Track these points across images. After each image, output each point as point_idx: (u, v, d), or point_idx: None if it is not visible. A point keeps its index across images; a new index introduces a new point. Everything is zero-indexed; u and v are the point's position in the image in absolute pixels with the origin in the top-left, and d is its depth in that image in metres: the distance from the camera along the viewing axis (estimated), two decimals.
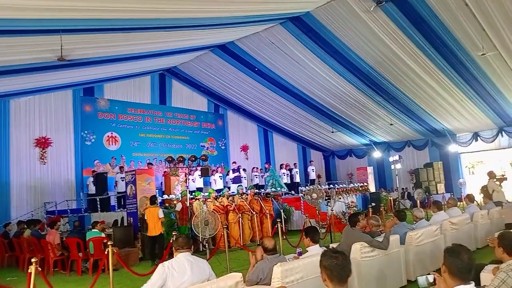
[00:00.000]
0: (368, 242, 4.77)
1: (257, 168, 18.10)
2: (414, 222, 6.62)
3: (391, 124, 18.17)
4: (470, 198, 8.36)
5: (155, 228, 8.99)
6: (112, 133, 16.07)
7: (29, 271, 4.64)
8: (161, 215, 9.05)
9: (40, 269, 4.86)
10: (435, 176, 19.65)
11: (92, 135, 15.52)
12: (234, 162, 17.86)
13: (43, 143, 14.40)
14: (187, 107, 19.13)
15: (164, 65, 16.71)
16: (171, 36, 11.48)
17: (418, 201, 12.26)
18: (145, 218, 9.24)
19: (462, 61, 12.66)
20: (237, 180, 15.53)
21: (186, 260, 3.59)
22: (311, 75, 15.07)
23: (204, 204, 10.78)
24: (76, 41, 9.41)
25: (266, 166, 17.30)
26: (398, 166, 16.49)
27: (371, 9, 10.69)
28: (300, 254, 5.79)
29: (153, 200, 9.32)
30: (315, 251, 4.31)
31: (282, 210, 11.02)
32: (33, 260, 4.73)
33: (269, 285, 3.82)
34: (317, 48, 13.33)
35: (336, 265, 2.35)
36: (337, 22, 11.82)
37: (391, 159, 17.53)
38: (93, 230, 8.82)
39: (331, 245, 6.39)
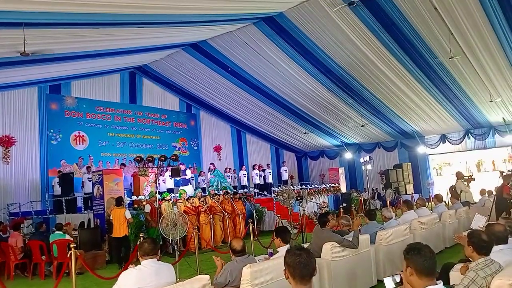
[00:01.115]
0: (338, 242, 4.75)
1: (229, 168, 17.96)
2: (384, 222, 6.67)
3: (362, 126, 18.43)
4: (439, 198, 8.53)
5: (120, 229, 8.75)
6: (79, 132, 15.54)
7: None
8: (129, 215, 8.81)
9: None
10: (404, 177, 20.06)
11: (58, 134, 14.96)
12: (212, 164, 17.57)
13: (6, 142, 13.79)
14: (159, 106, 18.76)
15: (135, 63, 16.32)
16: (142, 33, 11.21)
17: (388, 201, 12.44)
18: (111, 219, 8.98)
19: (431, 65, 12.95)
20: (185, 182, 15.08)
21: (150, 267, 3.44)
22: (284, 75, 15.08)
23: (174, 205, 10.56)
24: (41, 35, 9.04)
25: (211, 166, 16.89)
26: (369, 167, 16.75)
27: (339, 7, 10.73)
28: (271, 255, 5.71)
29: (119, 201, 9.06)
30: (285, 251, 4.24)
31: (254, 211, 10.93)
32: None
33: (238, 287, 3.72)
34: (290, 48, 13.34)
35: (299, 263, 2.28)
36: (310, 23, 11.85)
37: (361, 160, 17.80)
38: (56, 232, 8.48)
39: (303, 245, 6.36)
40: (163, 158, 10.21)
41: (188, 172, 13.40)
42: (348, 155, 21.44)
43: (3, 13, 7.42)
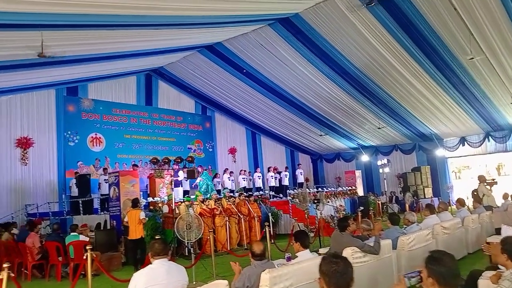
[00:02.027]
0: (359, 247, 4.60)
1: (244, 170, 17.87)
2: (405, 226, 6.48)
3: (379, 128, 18.14)
4: (461, 202, 8.28)
5: (136, 231, 8.69)
6: (96, 134, 15.68)
7: (0, 277, 4.34)
8: (143, 216, 8.70)
9: (14, 275, 4.57)
10: (423, 180, 19.68)
11: (76, 136, 15.11)
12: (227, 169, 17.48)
13: (24, 143, 13.96)
14: (174, 108, 18.82)
15: (151, 65, 16.41)
16: (158, 35, 11.24)
17: (407, 205, 12.17)
18: (126, 220, 8.93)
19: (450, 65, 12.68)
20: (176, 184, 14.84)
21: (161, 266, 3.45)
22: (300, 77, 14.95)
23: (190, 207, 10.51)
24: (59, 37, 9.09)
25: (199, 169, 16.58)
26: (386, 170, 16.46)
27: (358, 9, 10.59)
28: (289, 259, 5.59)
29: (135, 202, 9.02)
30: (305, 256, 4.13)
31: (270, 214, 10.81)
32: (5, 265, 4.43)
33: None
34: (306, 50, 13.21)
35: (336, 272, 2.15)
36: (326, 24, 11.72)
37: (379, 162, 17.50)
38: (72, 233, 8.49)
39: (320, 250, 6.21)
40: (179, 160, 10.16)
41: (181, 173, 13.34)
42: (364, 158, 21.14)
43: (22, 15, 7.48)
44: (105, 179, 12.73)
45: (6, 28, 8.10)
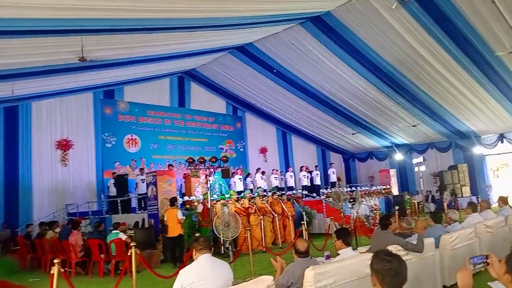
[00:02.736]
0: (402, 245, 4.53)
1: (276, 170, 17.90)
2: (446, 224, 6.33)
3: (414, 126, 17.73)
4: (504, 200, 7.98)
5: (174, 229, 8.90)
6: (132, 136, 16.14)
7: (51, 272, 4.54)
8: (180, 216, 8.94)
9: (63, 270, 4.77)
10: (460, 178, 19.07)
11: (113, 137, 15.61)
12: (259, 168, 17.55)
13: (64, 145, 14.54)
14: (206, 109, 19.13)
15: (183, 68, 16.72)
16: (190, 37, 11.44)
17: (445, 204, 11.85)
18: (165, 219, 9.15)
19: (487, 60, 12.24)
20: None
21: (207, 261, 3.48)
22: (331, 75, 14.84)
23: (225, 206, 10.64)
24: (97, 42, 9.42)
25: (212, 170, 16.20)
26: (422, 168, 16.08)
27: (393, 7, 10.43)
28: (328, 257, 5.59)
29: (173, 201, 9.23)
30: (347, 254, 4.11)
31: (304, 213, 10.79)
32: (55, 261, 4.64)
33: None
34: (337, 48, 13.11)
35: (390, 270, 2.11)
36: (358, 21, 11.60)
37: (414, 161, 17.13)
38: (114, 231, 8.77)
39: (358, 249, 6.16)
40: (214, 160, 10.31)
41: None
42: (398, 157, 20.70)
43: (63, 21, 7.80)
44: (141, 179, 13.07)
45: (48, 34, 8.47)
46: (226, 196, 12.08)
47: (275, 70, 15.41)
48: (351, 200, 10.31)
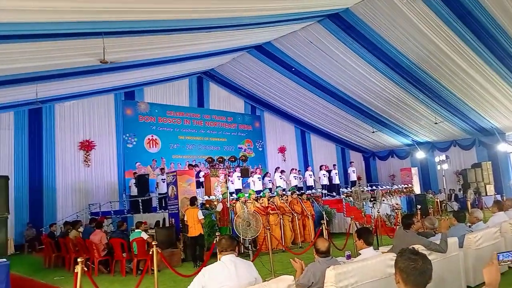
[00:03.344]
0: (425, 245, 4.44)
1: (295, 169, 17.82)
2: (470, 224, 6.19)
3: (436, 123, 17.39)
4: None
5: (195, 229, 8.95)
6: (152, 136, 16.37)
7: (75, 270, 4.62)
8: (201, 216, 8.97)
9: (86, 269, 4.85)
10: (484, 177, 18.64)
11: (134, 138, 15.86)
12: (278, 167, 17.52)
13: (87, 146, 14.84)
14: (225, 109, 19.24)
15: (202, 68, 16.85)
16: (209, 38, 11.51)
17: (469, 203, 11.58)
18: (185, 219, 9.22)
19: (511, 55, 11.93)
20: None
21: (230, 262, 3.44)
22: (351, 73, 14.71)
23: (244, 205, 10.66)
24: (117, 44, 9.56)
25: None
26: (445, 166, 15.75)
27: (412, 0, 10.27)
28: (349, 257, 5.52)
29: (193, 201, 9.30)
30: (368, 254, 4.05)
31: (324, 212, 10.71)
32: (79, 260, 4.71)
33: None
34: (357, 45, 12.99)
35: (415, 269, 2.08)
36: (378, 17, 11.47)
37: (437, 159, 16.79)
38: (136, 230, 8.88)
39: (380, 249, 6.08)
40: (233, 159, 10.34)
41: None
42: (420, 155, 20.32)
43: (85, 24, 7.96)
44: (162, 179, 13.21)
45: (70, 37, 8.65)
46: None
47: (293, 69, 15.36)
48: (372, 199, 10.18)
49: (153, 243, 5.56)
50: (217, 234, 6.60)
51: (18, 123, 13.77)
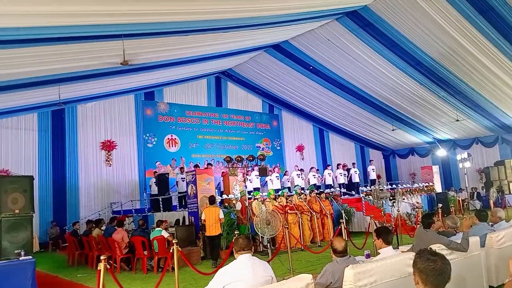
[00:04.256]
0: (446, 244, 4.40)
1: (313, 167, 17.78)
2: (491, 223, 6.06)
3: (457, 120, 17.07)
4: None
5: (214, 228, 8.96)
6: (172, 136, 16.58)
7: (98, 268, 4.74)
8: (222, 215, 9.04)
9: (109, 266, 4.96)
10: (508, 175, 18.19)
11: (154, 138, 16.10)
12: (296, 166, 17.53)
13: (108, 146, 15.13)
14: (243, 108, 19.31)
15: (220, 68, 16.96)
16: (227, 38, 11.59)
17: (492, 202, 11.33)
18: (203, 217, 9.20)
19: None
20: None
21: (247, 261, 3.45)
22: (369, 71, 14.57)
23: (262, 204, 10.69)
24: (137, 45, 9.73)
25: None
26: (467, 164, 15.45)
27: None
28: (368, 256, 5.51)
29: (212, 200, 9.36)
30: (388, 253, 4.03)
31: (343, 211, 10.66)
32: (102, 257, 4.83)
33: None
34: (376, 42, 12.86)
35: (434, 270, 2.07)
36: (397, 14, 11.34)
37: (458, 157, 16.49)
38: (157, 228, 9.02)
39: (400, 248, 6.04)
40: (251, 158, 10.39)
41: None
42: (441, 153, 20.00)
43: (106, 27, 8.13)
44: (181, 178, 13.36)
45: (91, 40, 8.84)
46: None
47: (311, 67, 15.31)
48: (392, 198, 10.08)
49: (173, 241, 5.65)
50: (235, 232, 6.65)
51: (42, 124, 14.13)
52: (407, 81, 14.79)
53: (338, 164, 17.08)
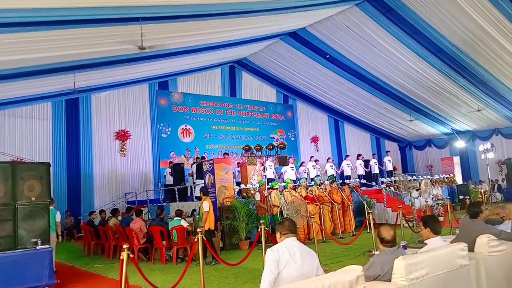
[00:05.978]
0: (496, 235, 4.09)
1: (330, 158, 17.42)
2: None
3: (478, 111, 16.58)
4: None
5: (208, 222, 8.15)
6: (186, 126, 16.36)
7: (121, 257, 4.55)
8: (206, 208, 8.07)
9: (132, 255, 4.77)
10: None
11: (168, 128, 15.90)
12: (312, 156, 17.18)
13: (122, 136, 14.96)
14: (257, 98, 19.02)
15: (234, 57, 16.65)
16: (243, 23, 11.29)
17: None
18: (206, 209, 8.12)
19: None
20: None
21: (295, 246, 3.15)
22: (389, 58, 14.17)
23: (281, 194, 10.42)
24: (154, 30, 9.44)
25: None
26: (490, 155, 15.03)
27: None
28: (404, 247, 5.22)
29: (205, 191, 8.65)
30: (436, 243, 3.73)
31: (365, 202, 10.35)
32: (124, 246, 4.65)
33: (390, 281, 3.31)
34: (396, 29, 12.46)
35: None
36: None
37: (481, 147, 16.05)
38: (175, 218, 8.80)
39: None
40: (271, 147, 10.11)
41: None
42: (460, 144, 19.50)
43: (123, 9, 7.85)
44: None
45: (108, 23, 8.57)
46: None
47: (328, 56, 14.94)
48: (418, 189, 9.74)
49: (198, 230, 5.40)
50: (260, 221, 6.38)
51: (56, 113, 13.98)
52: (428, 70, 14.37)
53: (359, 155, 16.68)
